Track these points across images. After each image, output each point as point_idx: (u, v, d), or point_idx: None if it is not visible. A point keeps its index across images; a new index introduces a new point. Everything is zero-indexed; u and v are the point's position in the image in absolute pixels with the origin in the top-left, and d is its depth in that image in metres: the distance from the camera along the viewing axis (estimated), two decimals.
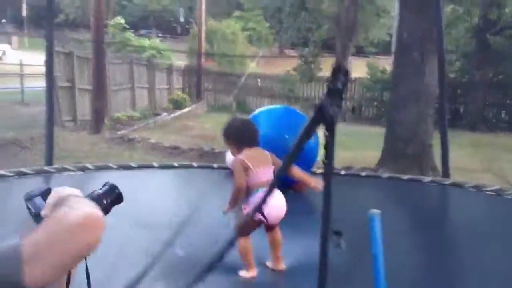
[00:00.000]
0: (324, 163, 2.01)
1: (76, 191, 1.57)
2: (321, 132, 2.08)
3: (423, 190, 5.63)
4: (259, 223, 3.18)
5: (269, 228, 3.25)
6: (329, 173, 1.98)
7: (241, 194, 3.19)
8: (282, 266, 3.33)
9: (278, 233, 3.28)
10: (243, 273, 3.26)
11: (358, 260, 2.21)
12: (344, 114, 2.90)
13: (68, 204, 1.46)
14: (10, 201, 3.80)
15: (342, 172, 6.22)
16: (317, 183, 3.18)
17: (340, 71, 2.11)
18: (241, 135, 3.37)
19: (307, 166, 5.53)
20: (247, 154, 3.25)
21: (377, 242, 2.01)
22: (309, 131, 2.12)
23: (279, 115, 5.70)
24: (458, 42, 18.20)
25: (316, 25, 15.31)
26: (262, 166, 3.23)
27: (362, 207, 4.71)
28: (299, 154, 2.20)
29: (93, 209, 1.45)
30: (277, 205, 3.17)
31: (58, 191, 1.63)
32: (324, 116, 2.04)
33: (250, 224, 3.16)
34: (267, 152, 3.33)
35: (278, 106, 7.33)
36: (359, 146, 11.48)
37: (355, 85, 20.03)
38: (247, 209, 3.19)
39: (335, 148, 2.19)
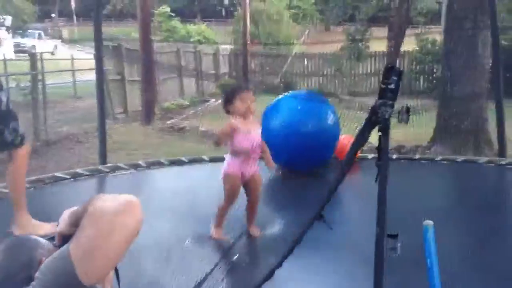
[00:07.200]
0: (377, 165, 1.95)
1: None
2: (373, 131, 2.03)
3: (480, 172, 5.43)
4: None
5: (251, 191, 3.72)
6: (383, 177, 1.91)
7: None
8: (256, 231, 3.76)
9: (258, 199, 3.75)
10: (211, 231, 3.67)
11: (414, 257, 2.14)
12: (407, 117, 2.81)
13: (101, 200, 1.45)
14: (67, 204, 3.88)
15: (394, 156, 6.06)
16: (271, 164, 3.78)
17: (392, 71, 2.04)
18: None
19: (330, 146, 5.39)
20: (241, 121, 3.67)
21: (431, 254, 1.94)
22: (364, 133, 2.07)
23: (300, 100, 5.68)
24: None
25: (363, 2, 14.97)
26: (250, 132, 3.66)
27: (417, 194, 4.60)
28: (355, 157, 2.16)
29: (128, 196, 1.47)
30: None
31: (68, 210, 1.67)
32: (377, 118, 1.99)
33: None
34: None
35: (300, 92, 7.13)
36: (410, 122, 11.19)
37: (405, 58, 19.56)
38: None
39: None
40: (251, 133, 3.66)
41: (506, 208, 4.41)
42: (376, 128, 1.97)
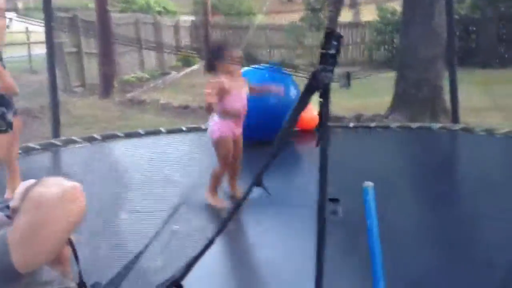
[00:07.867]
0: (318, 131, 1.96)
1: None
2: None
3: (433, 138, 5.56)
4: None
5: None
6: (324, 141, 1.92)
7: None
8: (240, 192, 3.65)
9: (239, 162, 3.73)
10: (210, 200, 3.66)
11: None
12: (347, 82, 2.83)
13: (42, 185, 1.41)
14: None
15: (351, 125, 6.14)
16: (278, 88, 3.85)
17: (332, 36, 2.03)
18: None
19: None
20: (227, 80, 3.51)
21: (371, 215, 1.98)
22: (304, 99, 2.07)
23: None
24: None
25: None
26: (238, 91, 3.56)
27: (372, 159, 4.67)
28: (297, 121, 2.16)
29: (70, 182, 1.41)
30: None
31: (24, 183, 1.62)
32: (318, 83, 1.98)
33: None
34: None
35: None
36: (370, 92, 11.31)
37: (366, 29, 19.70)
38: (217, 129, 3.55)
39: (346, 95, 2.14)
40: (241, 93, 3.55)
41: (453, 172, 4.53)
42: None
